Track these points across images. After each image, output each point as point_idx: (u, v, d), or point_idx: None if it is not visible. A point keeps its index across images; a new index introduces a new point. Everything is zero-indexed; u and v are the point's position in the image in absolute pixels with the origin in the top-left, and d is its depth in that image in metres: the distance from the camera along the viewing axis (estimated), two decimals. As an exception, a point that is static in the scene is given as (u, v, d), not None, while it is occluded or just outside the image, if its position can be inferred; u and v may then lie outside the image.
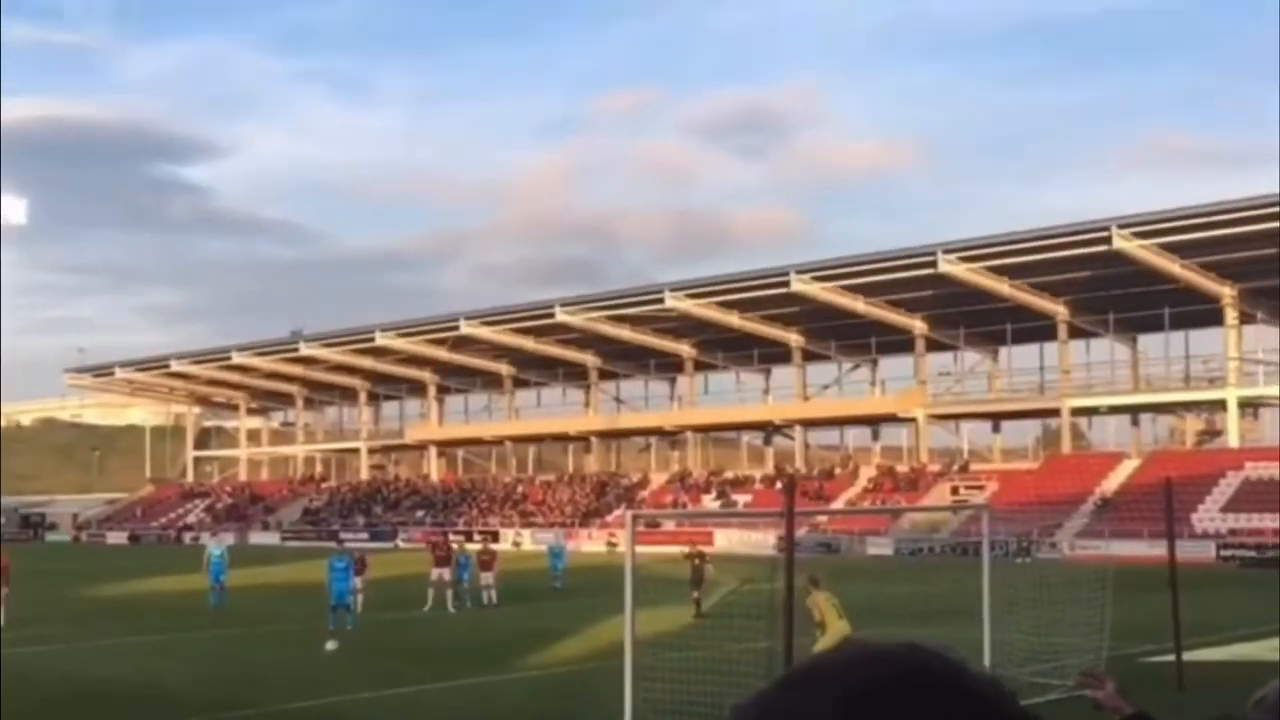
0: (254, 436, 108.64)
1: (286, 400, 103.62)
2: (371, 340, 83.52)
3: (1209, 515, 52.72)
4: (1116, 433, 70.63)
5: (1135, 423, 69.12)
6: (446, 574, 33.35)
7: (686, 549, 34.31)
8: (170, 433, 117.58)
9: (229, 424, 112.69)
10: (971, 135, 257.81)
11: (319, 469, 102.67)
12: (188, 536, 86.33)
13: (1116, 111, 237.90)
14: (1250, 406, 62.71)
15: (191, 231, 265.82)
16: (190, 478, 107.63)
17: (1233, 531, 50.97)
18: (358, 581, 30.08)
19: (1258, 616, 27.74)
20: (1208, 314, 60.50)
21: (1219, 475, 55.27)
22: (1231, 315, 59.90)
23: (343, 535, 76.61)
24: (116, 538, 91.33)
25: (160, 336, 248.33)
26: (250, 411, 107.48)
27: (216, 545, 37.45)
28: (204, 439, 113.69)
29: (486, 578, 34.54)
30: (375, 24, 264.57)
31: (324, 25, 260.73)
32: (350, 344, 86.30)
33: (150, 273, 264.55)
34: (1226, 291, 59.08)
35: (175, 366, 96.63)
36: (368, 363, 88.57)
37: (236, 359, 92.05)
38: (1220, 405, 61.61)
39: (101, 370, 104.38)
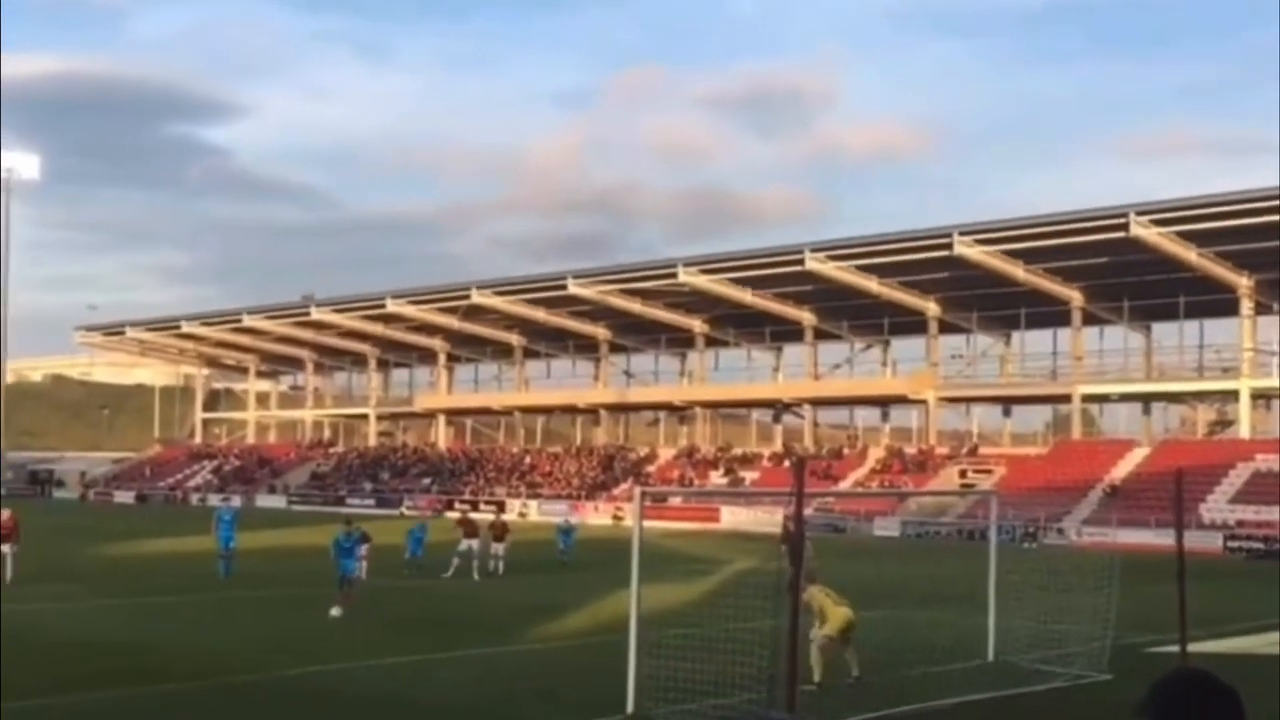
0: (263, 400, 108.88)
1: (296, 364, 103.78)
2: (383, 307, 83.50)
3: (1217, 506, 52.56)
4: (1127, 420, 70.54)
5: (1147, 411, 68.94)
6: (475, 545, 33.67)
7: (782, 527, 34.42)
8: (179, 393, 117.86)
9: (238, 386, 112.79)
10: (989, 118, 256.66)
11: (327, 434, 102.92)
12: (195, 497, 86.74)
13: (1135, 98, 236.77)
14: (1263, 398, 62.49)
15: (206, 193, 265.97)
16: (198, 439, 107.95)
17: (1240, 523, 50.79)
18: (363, 549, 30.03)
19: (1261, 610, 27.69)
20: (1223, 304, 60.17)
21: (1229, 466, 55.07)
22: (1247, 305, 59.58)
23: (349, 501, 77.14)
24: (123, 497, 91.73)
25: (171, 296, 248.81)
26: (259, 374, 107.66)
27: (227, 509, 37.21)
28: (212, 401, 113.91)
29: (497, 548, 34.63)
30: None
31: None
32: (361, 310, 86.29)
33: (163, 233, 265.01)
34: (1243, 282, 58.74)
35: (186, 327, 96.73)
36: (378, 329, 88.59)
37: (247, 321, 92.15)
38: (1233, 396, 61.36)
39: (112, 329, 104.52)
